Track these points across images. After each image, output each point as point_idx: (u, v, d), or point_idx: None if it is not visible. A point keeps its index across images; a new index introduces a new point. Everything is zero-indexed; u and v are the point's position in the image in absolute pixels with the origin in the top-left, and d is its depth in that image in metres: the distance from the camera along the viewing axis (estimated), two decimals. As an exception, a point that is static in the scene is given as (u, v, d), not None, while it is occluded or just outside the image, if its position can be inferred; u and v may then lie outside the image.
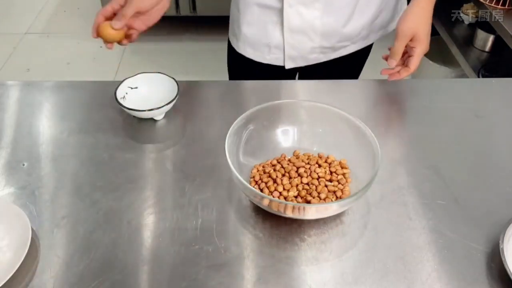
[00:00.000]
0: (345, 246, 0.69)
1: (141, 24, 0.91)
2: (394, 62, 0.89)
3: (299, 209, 0.66)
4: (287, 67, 1.07)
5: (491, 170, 0.80)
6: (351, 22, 1.01)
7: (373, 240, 0.69)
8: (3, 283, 0.61)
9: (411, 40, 0.87)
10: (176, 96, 0.87)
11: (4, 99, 0.94)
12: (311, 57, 1.05)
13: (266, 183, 0.74)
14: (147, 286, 0.64)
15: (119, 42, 0.89)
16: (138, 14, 0.88)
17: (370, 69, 1.24)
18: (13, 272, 0.61)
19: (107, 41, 0.88)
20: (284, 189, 0.72)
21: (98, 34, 0.87)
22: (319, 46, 1.04)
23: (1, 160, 0.81)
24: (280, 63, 1.07)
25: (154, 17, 0.91)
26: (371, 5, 1.01)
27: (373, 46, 1.13)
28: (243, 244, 0.69)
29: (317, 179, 0.74)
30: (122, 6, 0.87)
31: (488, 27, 2.04)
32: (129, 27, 0.89)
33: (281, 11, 0.98)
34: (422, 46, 0.87)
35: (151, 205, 0.74)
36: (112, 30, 0.86)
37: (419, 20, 0.86)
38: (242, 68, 1.14)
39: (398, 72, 0.90)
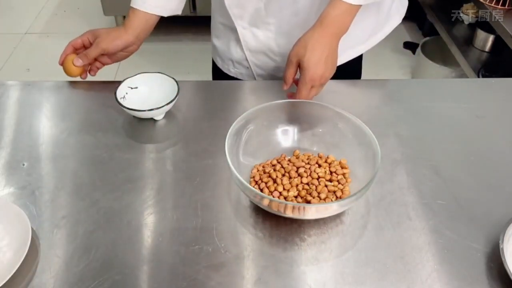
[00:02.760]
0: (345, 246, 0.69)
1: (106, 60, 0.97)
2: (285, 86, 0.86)
3: (299, 209, 0.66)
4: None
5: (491, 170, 0.80)
6: None
7: (373, 240, 0.69)
8: (3, 283, 0.61)
9: (299, 67, 0.84)
10: (176, 96, 0.87)
11: (4, 99, 0.94)
12: (279, 75, 1.05)
13: (266, 183, 0.74)
14: (147, 286, 0.64)
15: (80, 75, 0.97)
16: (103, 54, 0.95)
17: (370, 69, 1.24)
18: (13, 272, 0.61)
19: (67, 74, 0.95)
20: (284, 189, 0.72)
21: (62, 63, 0.95)
22: (284, 66, 1.03)
23: (1, 160, 0.81)
24: (244, 78, 1.09)
25: (120, 57, 0.98)
26: None
27: (374, 48, 1.12)
28: (243, 244, 0.69)
29: (317, 179, 0.74)
30: (91, 43, 0.94)
31: (488, 27, 2.04)
32: (94, 61, 0.96)
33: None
34: (306, 74, 0.82)
35: (151, 205, 0.74)
36: (73, 65, 0.94)
37: (307, 47, 0.82)
38: (220, 75, 1.15)
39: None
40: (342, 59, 1.03)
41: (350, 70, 1.08)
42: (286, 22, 0.96)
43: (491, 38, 2.14)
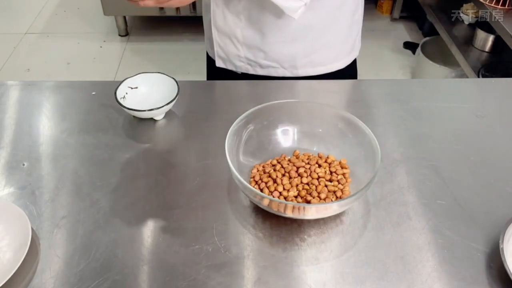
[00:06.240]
0: (345, 246, 0.69)
1: None
2: None
3: (299, 209, 0.66)
4: (217, 65, 1.08)
5: (491, 170, 0.80)
6: (276, 45, 0.99)
7: (373, 240, 0.69)
8: (3, 283, 0.61)
9: None
10: (176, 96, 0.87)
11: (4, 99, 0.94)
12: (238, 64, 1.05)
13: (266, 183, 0.74)
14: (147, 286, 0.64)
15: None
16: None
17: (370, 69, 1.25)
18: (13, 272, 0.61)
19: None
20: (284, 189, 0.72)
21: None
22: (245, 57, 1.03)
23: (1, 160, 0.81)
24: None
25: None
26: (302, 37, 0.99)
27: (372, 46, 1.13)
28: (243, 244, 0.69)
29: (317, 179, 0.74)
30: None
31: (488, 27, 2.04)
32: None
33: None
34: None
35: (151, 205, 0.74)
36: None
37: None
38: (210, 63, 1.15)
39: None
40: (300, 72, 1.04)
41: (346, 75, 1.09)
42: (255, 19, 0.97)
43: (491, 38, 2.14)
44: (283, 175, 0.75)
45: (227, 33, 1.01)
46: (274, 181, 0.74)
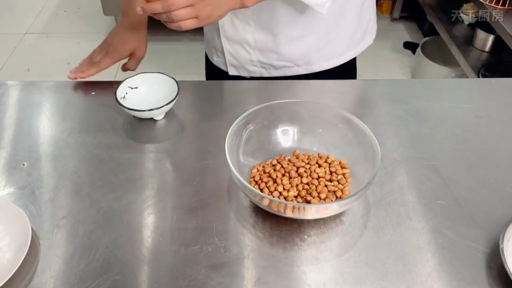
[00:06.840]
0: (345, 246, 0.69)
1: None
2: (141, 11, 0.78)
3: (299, 209, 0.66)
4: (230, 73, 1.08)
5: (491, 170, 0.80)
6: (289, 44, 0.99)
7: (373, 240, 0.69)
8: (3, 283, 0.61)
9: None
10: (176, 96, 0.87)
11: (4, 99, 0.94)
12: (251, 69, 1.05)
13: (266, 183, 0.74)
14: (147, 286, 0.64)
15: None
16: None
17: (370, 69, 1.25)
18: (13, 272, 0.61)
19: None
20: (284, 189, 0.72)
21: None
22: (258, 61, 1.03)
23: (1, 160, 0.81)
24: (225, 68, 1.09)
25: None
26: (314, 32, 0.99)
27: (372, 46, 1.13)
28: (243, 244, 0.69)
29: (317, 179, 0.74)
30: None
31: (488, 27, 2.04)
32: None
33: None
34: None
35: (151, 205, 0.74)
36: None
37: None
38: (210, 68, 1.16)
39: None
40: (314, 68, 1.04)
41: (345, 71, 1.09)
42: (265, 21, 0.96)
43: (491, 38, 2.14)
44: (283, 175, 0.75)
45: (238, 40, 1.01)
46: (274, 181, 0.74)
